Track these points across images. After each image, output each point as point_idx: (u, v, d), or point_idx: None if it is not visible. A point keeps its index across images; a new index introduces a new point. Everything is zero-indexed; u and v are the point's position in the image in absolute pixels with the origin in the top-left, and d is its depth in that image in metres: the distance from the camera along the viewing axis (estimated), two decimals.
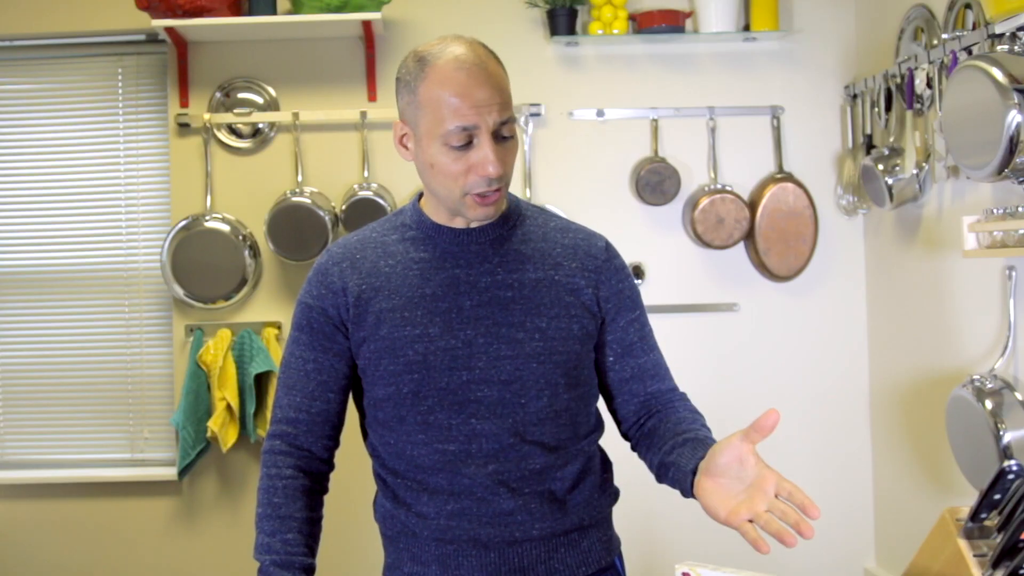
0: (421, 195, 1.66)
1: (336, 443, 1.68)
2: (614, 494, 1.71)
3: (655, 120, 3.41)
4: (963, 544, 1.48)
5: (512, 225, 1.63)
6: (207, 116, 3.35)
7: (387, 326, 1.57)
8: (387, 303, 1.58)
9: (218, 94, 3.40)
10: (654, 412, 1.67)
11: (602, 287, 1.64)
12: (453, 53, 1.49)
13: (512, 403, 1.56)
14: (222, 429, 3.23)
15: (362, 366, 1.61)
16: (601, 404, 1.73)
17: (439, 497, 1.58)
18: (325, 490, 1.68)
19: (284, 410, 1.64)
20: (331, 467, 1.69)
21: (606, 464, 1.72)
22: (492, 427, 1.55)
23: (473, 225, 1.60)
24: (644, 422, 1.67)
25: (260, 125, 3.40)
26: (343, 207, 3.29)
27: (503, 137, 1.51)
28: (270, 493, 1.60)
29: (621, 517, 1.81)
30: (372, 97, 3.41)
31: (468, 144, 1.49)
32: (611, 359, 1.66)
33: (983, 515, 1.47)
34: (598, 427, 1.70)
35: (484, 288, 1.58)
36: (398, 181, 3.38)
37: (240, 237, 3.34)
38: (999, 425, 2.40)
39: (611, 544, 1.69)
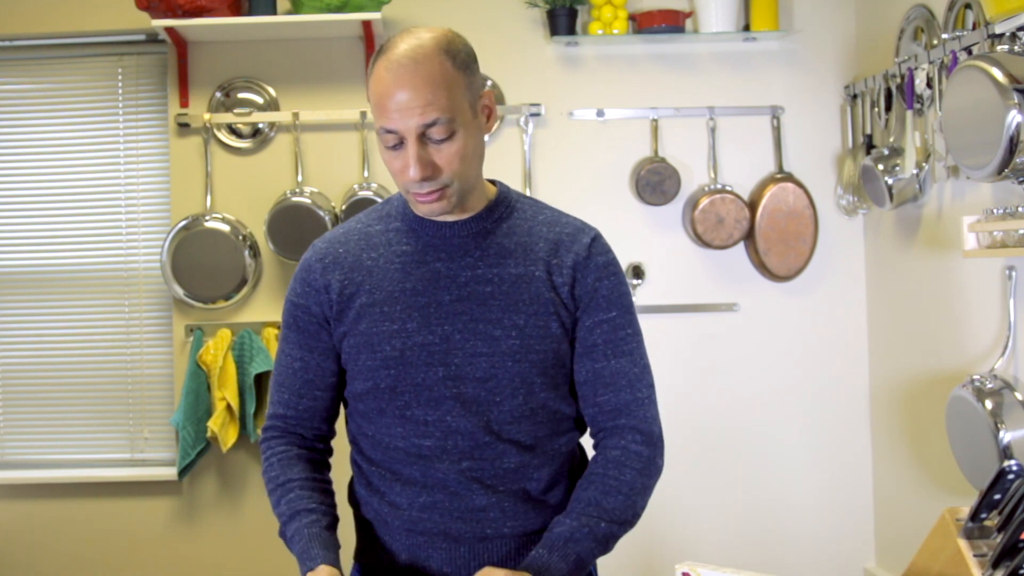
0: None
1: (331, 431, 1.69)
2: None
3: (655, 120, 3.41)
4: (963, 544, 1.47)
5: (498, 218, 1.61)
6: (207, 116, 3.35)
7: (366, 321, 1.56)
8: (368, 298, 1.57)
9: (218, 94, 3.40)
10: (599, 440, 1.62)
11: (578, 284, 1.59)
12: (394, 50, 1.46)
13: (487, 401, 1.55)
14: (222, 429, 3.23)
15: (344, 360, 1.61)
16: None
17: (412, 488, 1.58)
18: (326, 462, 1.69)
19: (275, 406, 1.66)
20: (329, 449, 1.70)
21: (583, 465, 1.70)
22: (467, 424, 1.54)
23: (450, 219, 1.58)
24: (595, 444, 1.63)
25: (260, 125, 3.40)
26: (343, 207, 3.29)
27: (435, 139, 1.46)
28: (269, 470, 1.62)
29: None
30: None
31: (401, 143, 1.47)
32: (572, 358, 1.62)
33: (983, 515, 1.47)
34: (579, 426, 1.67)
35: (464, 283, 1.56)
36: None
37: (240, 237, 3.34)
38: (999, 425, 2.40)
39: None
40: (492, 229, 1.59)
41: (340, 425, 1.71)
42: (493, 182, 1.66)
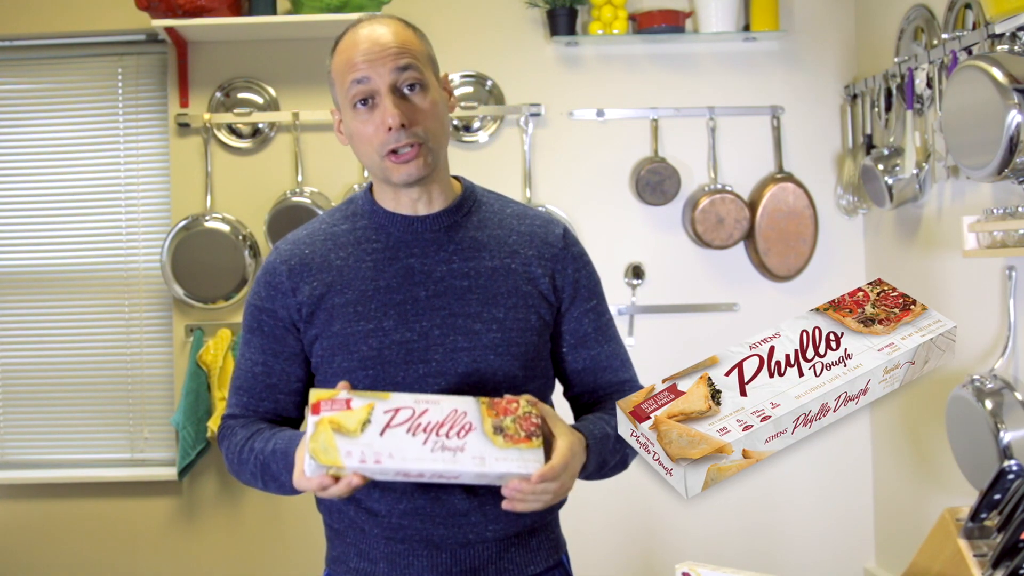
0: (373, 183, 1.62)
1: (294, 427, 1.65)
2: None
3: (655, 120, 3.41)
4: (963, 544, 1.47)
5: (467, 211, 1.59)
6: (207, 116, 3.35)
7: (340, 322, 1.53)
8: (340, 298, 1.54)
9: (218, 94, 3.40)
10: (600, 405, 1.65)
11: (558, 276, 1.60)
12: (357, 30, 1.52)
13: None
14: None
15: (315, 364, 1.57)
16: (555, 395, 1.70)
17: (391, 494, 1.53)
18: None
19: (232, 408, 1.62)
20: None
21: None
22: None
23: (408, 208, 1.55)
24: (590, 403, 1.67)
25: (260, 125, 3.40)
26: None
27: (409, 88, 1.49)
28: (232, 436, 1.57)
29: (622, 517, 1.81)
30: None
31: (372, 100, 1.48)
32: (565, 349, 1.63)
33: (983, 515, 1.47)
34: None
35: (439, 278, 1.54)
36: None
37: (240, 237, 3.34)
38: (999, 425, 2.40)
39: (558, 543, 1.67)
40: (463, 223, 1.58)
41: None
42: (457, 178, 1.65)
